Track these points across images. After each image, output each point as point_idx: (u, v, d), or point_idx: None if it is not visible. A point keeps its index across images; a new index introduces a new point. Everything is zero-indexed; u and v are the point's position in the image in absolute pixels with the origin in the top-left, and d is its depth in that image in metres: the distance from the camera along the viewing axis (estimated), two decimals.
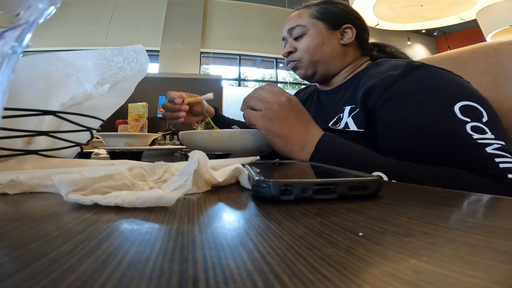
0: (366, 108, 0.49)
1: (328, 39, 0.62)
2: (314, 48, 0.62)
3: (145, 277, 0.08)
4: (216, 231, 0.12)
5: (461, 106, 0.41)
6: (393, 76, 0.47)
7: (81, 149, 0.39)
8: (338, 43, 0.63)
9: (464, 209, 0.17)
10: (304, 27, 0.63)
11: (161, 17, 5.51)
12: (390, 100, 0.46)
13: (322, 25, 0.62)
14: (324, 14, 0.63)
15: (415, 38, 6.94)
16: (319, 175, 0.23)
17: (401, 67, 0.47)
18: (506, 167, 0.37)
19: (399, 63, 0.50)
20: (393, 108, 0.46)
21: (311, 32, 0.62)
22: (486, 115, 0.41)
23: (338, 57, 0.63)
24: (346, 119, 0.54)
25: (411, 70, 0.46)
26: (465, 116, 0.40)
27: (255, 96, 0.45)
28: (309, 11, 0.64)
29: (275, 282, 0.08)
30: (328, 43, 0.62)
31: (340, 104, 0.59)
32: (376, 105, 0.47)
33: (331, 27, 0.62)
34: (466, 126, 0.40)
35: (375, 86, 0.48)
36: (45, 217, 0.14)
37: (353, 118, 0.52)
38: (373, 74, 0.53)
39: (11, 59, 0.11)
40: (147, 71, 0.40)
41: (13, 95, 0.32)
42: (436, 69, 0.47)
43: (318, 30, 0.62)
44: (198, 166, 0.19)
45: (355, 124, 0.52)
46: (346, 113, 0.55)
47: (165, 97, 0.70)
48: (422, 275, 0.08)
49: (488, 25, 4.90)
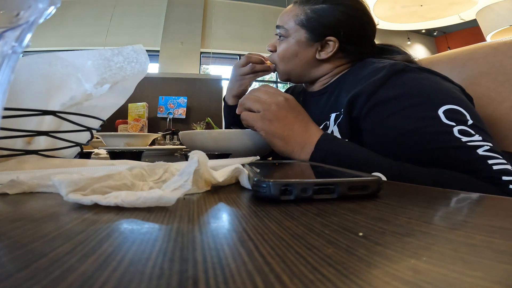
0: (351, 116, 0.48)
1: (304, 51, 0.59)
2: (288, 57, 0.60)
3: (145, 277, 0.08)
4: (216, 231, 0.12)
5: (445, 110, 0.41)
6: (375, 82, 0.46)
7: (81, 149, 0.39)
8: (312, 56, 0.59)
9: (464, 209, 0.17)
10: (286, 30, 0.60)
11: (161, 17, 5.51)
12: (374, 108, 0.45)
13: (304, 34, 0.58)
14: (312, 21, 0.58)
15: (415, 38, 6.94)
16: (319, 175, 0.23)
17: (383, 71, 0.46)
18: (500, 169, 0.37)
19: (382, 65, 0.49)
20: (377, 117, 0.45)
21: (290, 39, 0.60)
22: (470, 117, 0.41)
23: (311, 69, 0.61)
24: (332, 128, 0.53)
25: (393, 75, 0.45)
26: (450, 120, 0.40)
27: (251, 97, 0.44)
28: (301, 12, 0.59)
29: (275, 282, 0.08)
30: (302, 56, 0.59)
31: (326, 109, 0.58)
32: (361, 113, 0.46)
33: (312, 38, 0.58)
34: (453, 130, 0.39)
35: (359, 94, 0.47)
36: (45, 217, 0.14)
37: (338, 126, 0.51)
38: (357, 79, 0.51)
39: (11, 59, 0.11)
40: (147, 71, 0.40)
41: (13, 95, 0.32)
42: (417, 71, 0.46)
43: (297, 39, 0.59)
44: (198, 166, 0.19)
45: (340, 133, 0.51)
46: (332, 121, 0.54)
47: (248, 59, 0.69)
48: (422, 275, 0.08)
49: (488, 25, 4.90)
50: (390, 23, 5.41)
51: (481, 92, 0.61)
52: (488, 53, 0.63)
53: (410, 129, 0.42)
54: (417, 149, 0.41)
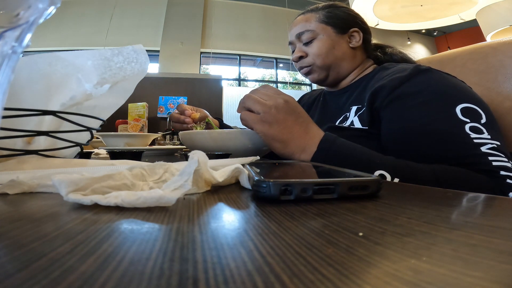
0: (372, 107, 0.51)
1: (338, 43, 0.64)
2: (326, 52, 0.64)
3: (145, 277, 0.08)
4: (216, 231, 0.12)
5: (462, 108, 0.43)
6: (400, 78, 0.49)
7: (81, 149, 0.39)
8: (347, 46, 0.65)
9: (464, 209, 0.17)
10: (313, 31, 0.65)
11: (161, 17, 5.51)
12: (396, 100, 0.48)
13: (331, 30, 0.64)
14: (332, 18, 0.65)
15: (415, 38, 6.94)
16: (319, 175, 0.23)
17: (409, 70, 0.50)
18: (499, 165, 0.38)
19: (406, 66, 0.53)
20: (397, 107, 0.48)
21: (321, 37, 0.64)
22: (485, 117, 0.43)
23: (348, 60, 0.66)
24: (352, 118, 0.56)
25: (418, 73, 0.49)
26: (465, 117, 0.42)
27: (252, 97, 0.44)
28: (316, 16, 0.66)
29: (275, 282, 0.08)
30: (338, 47, 0.64)
31: (346, 104, 0.62)
32: (382, 104, 0.50)
33: (340, 31, 0.65)
34: (465, 126, 0.41)
35: (383, 87, 0.50)
36: (45, 217, 0.14)
37: (359, 117, 0.55)
38: (381, 77, 0.55)
39: (11, 59, 0.11)
40: (147, 71, 0.40)
41: (13, 95, 0.32)
42: (442, 73, 0.50)
43: (328, 35, 0.64)
44: (198, 166, 0.19)
45: (360, 122, 0.54)
46: (353, 113, 0.57)
47: (176, 108, 0.72)
48: (422, 275, 0.08)
49: (488, 25, 4.90)
50: (390, 23, 5.40)
51: (481, 92, 0.61)
52: (488, 53, 0.63)
53: (424, 122, 0.44)
54: (427, 141, 0.44)
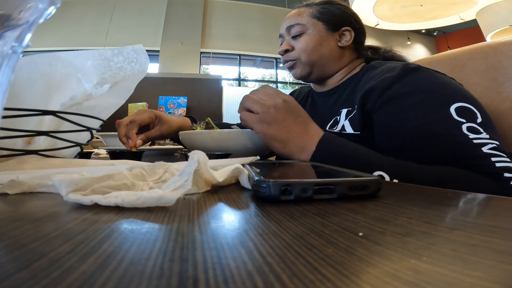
0: (364, 110, 0.50)
1: (326, 40, 0.62)
2: (312, 48, 0.62)
3: (145, 277, 0.08)
4: (216, 231, 0.12)
5: (457, 107, 0.42)
6: (391, 78, 0.47)
7: (81, 149, 0.39)
8: (335, 45, 0.63)
9: (464, 209, 0.17)
10: (303, 26, 0.63)
11: (161, 17, 5.51)
12: (388, 101, 0.47)
13: (321, 26, 0.63)
14: (325, 14, 0.63)
15: (415, 38, 6.94)
16: (319, 175, 0.23)
17: (398, 69, 0.48)
18: (502, 166, 0.37)
19: (394, 65, 0.51)
20: (390, 110, 0.46)
21: (310, 32, 0.62)
22: (480, 116, 0.42)
23: (334, 58, 0.64)
24: (343, 122, 0.54)
25: (408, 72, 0.47)
26: (460, 117, 0.41)
27: (251, 97, 0.44)
28: (309, 10, 0.64)
29: (275, 282, 0.08)
30: (326, 44, 0.62)
31: (336, 106, 0.60)
32: (374, 107, 0.48)
33: (331, 28, 0.63)
34: (462, 126, 0.40)
35: (374, 88, 0.48)
36: (45, 217, 0.14)
37: (350, 121, 0.53)
38: (370, 77, 0.53)
39: (11, 59, 0.11)
40: (147, 71, 0.40)
41: (13, 95, 0.32)
42: (431, 71, 0.48)
43: (317, 30, 0.62)
44: (198, 166, 0.19)
45: (352, 127, 0.52)
46: (343, 116, 0.55)
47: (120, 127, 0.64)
48: (422, 275, 0.08)
49: (488, 25, 4.90)
50: (390, 23, 5.40)
51: (481, 92, 0.61)
52: (488, 53, 0.63)
53: (420, 123, 0.43)
54: (425, 143, 0.42)
